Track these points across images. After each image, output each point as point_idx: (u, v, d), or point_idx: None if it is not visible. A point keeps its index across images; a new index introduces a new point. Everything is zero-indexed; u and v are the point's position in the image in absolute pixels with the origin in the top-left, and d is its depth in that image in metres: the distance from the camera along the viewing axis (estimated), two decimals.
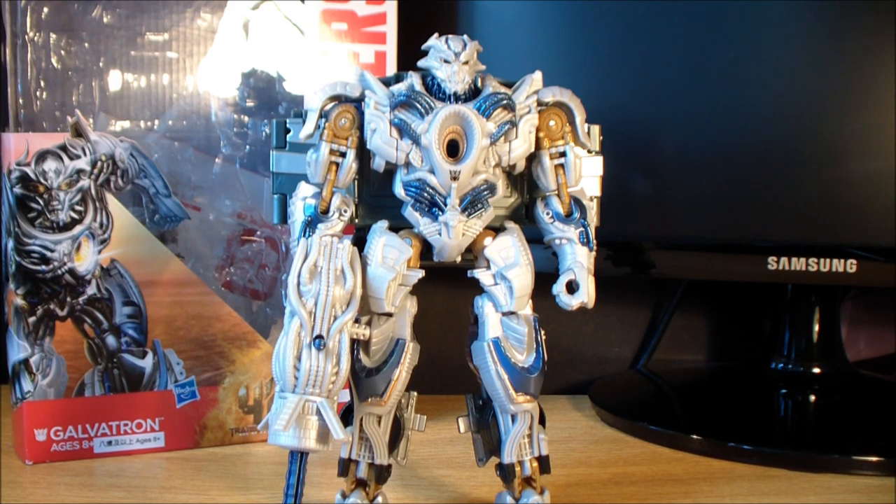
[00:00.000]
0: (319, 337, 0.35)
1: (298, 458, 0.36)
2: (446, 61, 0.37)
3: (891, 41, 0.52)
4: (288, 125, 0.39)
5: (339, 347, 0.35)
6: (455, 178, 0.36)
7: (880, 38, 0.53)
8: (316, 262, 0.36)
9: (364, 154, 0.38)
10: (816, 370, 0.64)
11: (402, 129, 0.37)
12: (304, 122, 0.38)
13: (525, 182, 0.40)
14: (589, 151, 0.40)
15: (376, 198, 0.39)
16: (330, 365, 0.35)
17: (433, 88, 0.37)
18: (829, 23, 0.54)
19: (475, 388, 0.41)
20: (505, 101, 0.37)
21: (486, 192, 0.37)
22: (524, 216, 0.41)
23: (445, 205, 0.37)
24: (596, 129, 0.40)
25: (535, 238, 0.40)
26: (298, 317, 0.35)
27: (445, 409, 0.50)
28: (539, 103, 0.38)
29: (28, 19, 0.49)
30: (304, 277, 0.36)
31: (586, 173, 0.40)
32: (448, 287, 0.39)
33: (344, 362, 0.35)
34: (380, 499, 0.39)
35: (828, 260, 0.55)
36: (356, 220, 0.40)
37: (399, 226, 0.38)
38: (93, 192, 0.51)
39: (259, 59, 0.54)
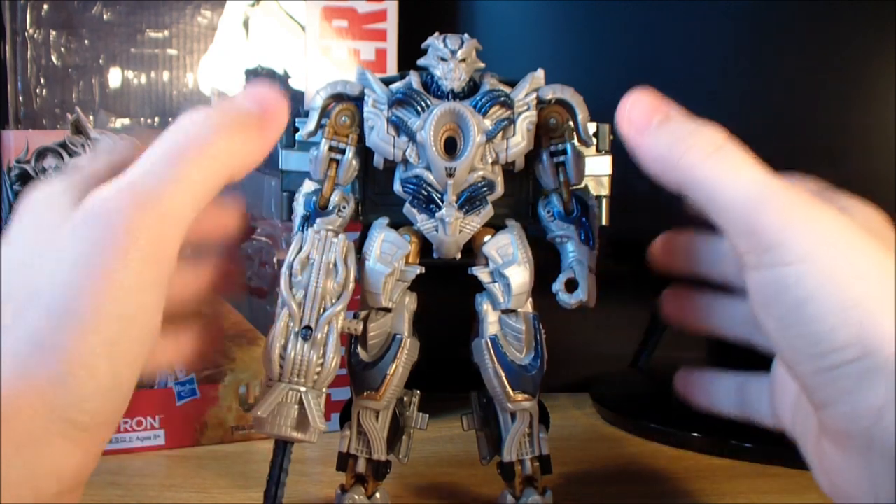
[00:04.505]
0: (307, 328, 0.35)
1: (283, 447, 0.36)
2: (443, 59, 0.37)
3: (891, 40, 0.52)
4: (296, 124, 0.39)
5: (327, 339, 0.35)
6: (451, 175, 0.36)
7: (880, 36, 0.52)
8: (309, 254, 0.36)
9: (368, 152, 0.38)
10: None
11: (399, 127, 0.37)
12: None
13: (530, 180, 0.40)
14: (598, 150, 0.40)
15: (381, 195, 0.40)
16: (315, 355, 0.35)
17: (432, 87, 0.38)
18: (829, 21, 0.54)
19: (479, 385, 0.41)
20: (502, 98, 0.37)
21: (484, 190, 0.37)
22: (529, 214, 0.40)
23: (442, 201, 0.37)
24: (606, 127, 0.40)
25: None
26: (287, 307, 0.35)
27: (448, 407, 0.50)
28: (539, 101, 0.38)
29: (28, 16, 0.49)
30: (296, 269, 0.36)
31: (594, 172, 0.40)
32: (452, 284, 0.39)
33: (330, 353, 0.35)
34: (378, 495, 0.39)
35: None
36: (360, 218, 0.40)
37: (403, 223, 0.38)
38: None
39: (259, 57, 0.54)
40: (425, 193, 0.37)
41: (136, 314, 0.28)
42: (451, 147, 0.37)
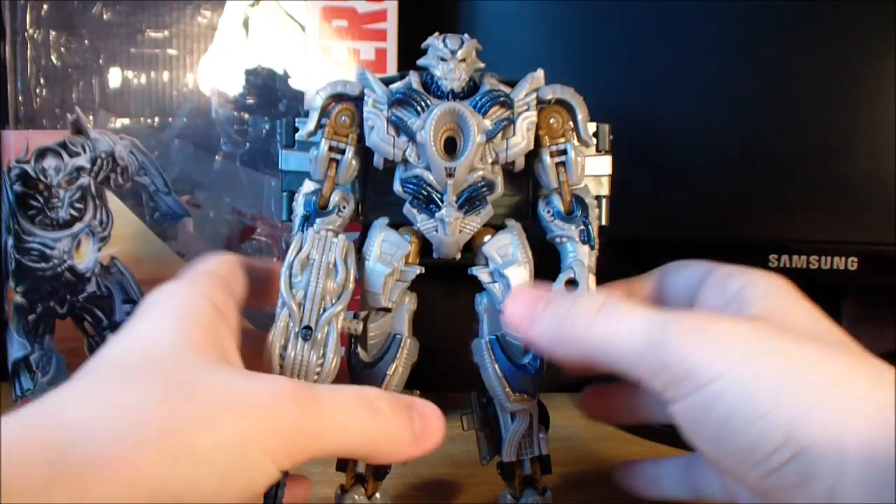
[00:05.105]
0: (307, 328, 0.35)
1: None
2: (443, 59, 0.37)
3: (892, 39, 0.52)
4: (296, 124, 0.39)
5: (327, 339, 0.35)
6: (451, 175, 0.36)
7: (881, 34, 0.52)
8: (309, 254, 0.36)
9: (368, 152, 0.38)
10: None
11: (399, 127, 0.37)
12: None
13: (531, 180, 0.40)
14: (598, 150, 0.40)
15: (381, 195, 0.40)
16: (315, 356, 0.35)
17: (432, 87, 0.38)
18: (830, 20, 0.54)
19: (479, 385, 0.41)
20: (502, 98, 0.37)
21: (484, 190, 0.37)
22: (529, 214, 0.41)
23: (442, 201, 0.37)
24: (606, 127, 0.40)
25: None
26: (287, 307, 0.35)
27: (448, 407, 0.50)
28: (539, 101, 0.38)
29: (28, 16, 0.49)
30: (296, 269, 0.36)
31: (594, 172, 0.40)
32: (452, 284, 0.39)
33: (330, 354, 0.35)
34: (378, 495, 0.39)
35: (829, 257, 0.55)
36: (360, 218, 0.40)
37: (403, 223, 0.38)
38: (92, 189, 0.51)
39: (259, 56, 0.54)
40: (425, 193, 0.37)
41: (206, 486, 0.28)
42: (450, 147, 0.37)
